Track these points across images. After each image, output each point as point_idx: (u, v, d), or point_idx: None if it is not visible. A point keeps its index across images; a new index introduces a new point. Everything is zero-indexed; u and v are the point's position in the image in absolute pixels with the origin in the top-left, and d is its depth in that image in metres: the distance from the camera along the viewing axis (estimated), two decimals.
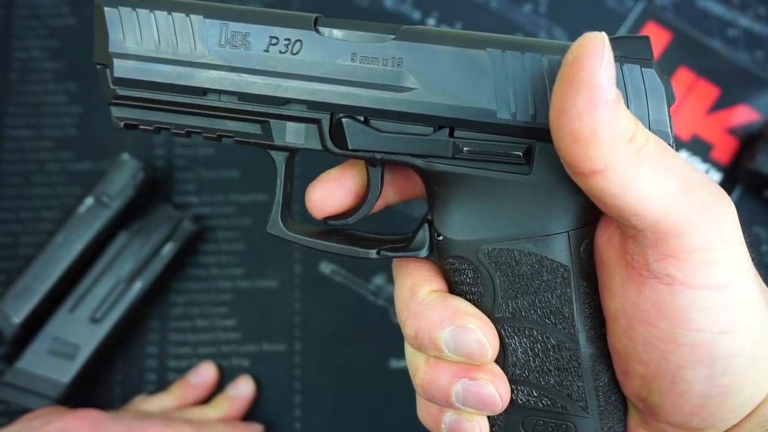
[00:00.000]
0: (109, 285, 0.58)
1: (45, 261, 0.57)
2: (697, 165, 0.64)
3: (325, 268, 0.62)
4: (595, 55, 0.26)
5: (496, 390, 0.33)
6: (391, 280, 0.61)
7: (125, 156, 0.59)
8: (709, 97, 0.65)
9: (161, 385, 0.60)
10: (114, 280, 0.58)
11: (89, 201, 0.58)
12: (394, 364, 0.60)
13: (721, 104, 0.65)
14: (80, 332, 0.56)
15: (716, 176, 0.64)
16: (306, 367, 0.60)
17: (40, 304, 0.56)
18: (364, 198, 0.37)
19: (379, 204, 0.38)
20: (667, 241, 0.28)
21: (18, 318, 0.55)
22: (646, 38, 0.31)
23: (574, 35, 0.67)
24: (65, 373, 0.55)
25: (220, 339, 0.61)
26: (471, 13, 0.68)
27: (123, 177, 0.59)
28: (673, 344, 0.29)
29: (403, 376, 0.59)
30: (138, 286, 0.58)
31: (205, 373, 0.59)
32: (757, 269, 0.31)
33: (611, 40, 0.30)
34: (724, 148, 0.64)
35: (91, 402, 0.57)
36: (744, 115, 0.65)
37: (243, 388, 0.58)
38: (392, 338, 0.58)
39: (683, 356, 0.29)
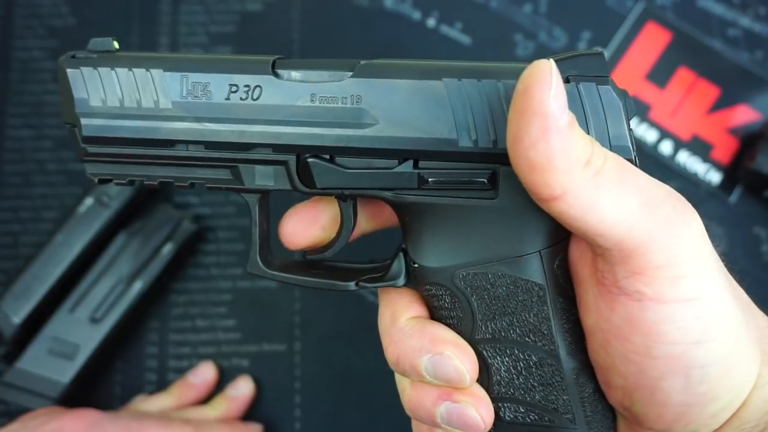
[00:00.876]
0: (109, 285, 0.58)
1: (45, 261, 0.57)
2: (697, 165, 0.64)
3: None
4: (543, 83, 0.27)
5: (478, 413, 0.33)
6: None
7: None
8: (710, 97, 0.65)
9: (161, 385, 0.60)
10: (114, 280, 0.58)
11: (89, 201, 0.58)
12: None
13: (721, 104, 0.65)
14: (80, 332, 0.56)
15: (716, 176, 0.64)
16: (306, 367, 0.60)
17: (40, 304, 0.56)
18: (337, 230, 0.37)
19: (354, 234, 0.38)
20: (633, 258, 0.29)
21: (18, 318, 0.55)
22: (600, 54, 0.31)
23: (574, 35, 0.67)
24: (65, 373, 0.55)
25: (220, 339, 0.61)
26: (471, 13, 0.68)
27: None
28: (649, 357, 0.30)
29: None
30: (138, 286, 0.58)
31: (205, 373, 0.59)
32: (757, 269, 0.31)
33: (565, 59, 0.31)
34: (725, 148, 0.64)
35: (91, 402, 0.57)
36: (744, 115, 0.65)
37: (242, 388, 0.58)
38: None
39: (659, 368, 0.30)
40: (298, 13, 0.68)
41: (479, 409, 0.33)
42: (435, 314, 0.36)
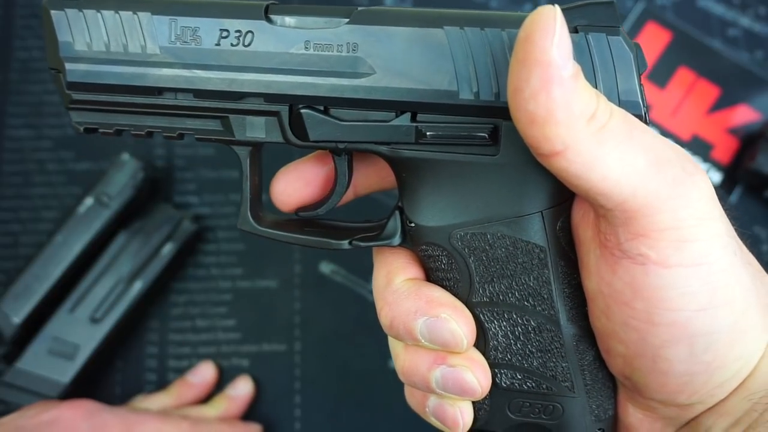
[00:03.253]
0: (109, 285, 0.58)
1: (45, 261, 0.57)
2: None
3: (325, 267, 0.62)
4: (546, 31, 0.25)
5: (475, 377, 0.32)
6: None
7: (125, 156, 0.59)
8: (710, 97, 0.65)
9: (161, 385, 0.60)
10: (114, 280, 0.58)
11: (89, 201, 0.58)
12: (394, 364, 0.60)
13: (721, 104, 0.65)
14: (80, 332, 0.56)
15: (716, 176, 0.64)
16: (306, 367, 0.60)
17: (40, 304, 0.56)
18: (330, 189, 0.36)
19: (348, 195, 0.37)
20: (636, 220, 0.27)
21: (18, 318, 0.55)
22: (612, 3, 0.29)
23: None
24: (65, 373, 0.55)
25: (220, 339, 0.61)
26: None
27: (123, 177, 0.59)
28: (651, 324, 0.29)
29: None
30: (138, 286, 0.58)
31: (205, 372, 0.59)
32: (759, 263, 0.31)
33: (574, 8, 0.29)
34: (725, 148, 0.64)
35: None
36: (744, 115, 0.65)
37: (242, 388, 0.58)
38: None
39: (662, 335, 0.29)
40: None
41: (476, 373, 0.32)
42: (431, 276, 0.35)
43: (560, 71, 0.25)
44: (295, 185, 0.36)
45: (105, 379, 0.60)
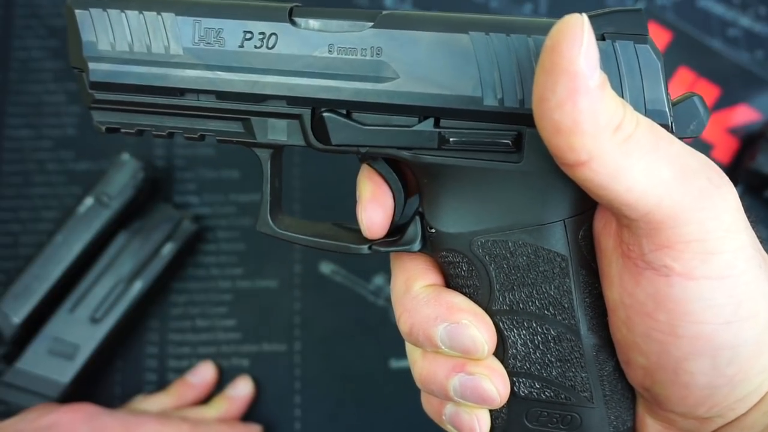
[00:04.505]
0: (109, 285, 0.58)
1: (45, 261, 0.57)
2: None
3: (325, 268, 0.62)
4: (573, 40, 0.25)
5: (494, 385, 0.32)
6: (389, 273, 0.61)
7: (125, 156, 0.59)
8: (710, 97, 0.65)
9: (161, 385, 0.60)
10: (114, 280, 0.58)
11: (89, 201, 0.58)
12: (394, 364, 0.60)
13: (721, 104, 0.65)
14: (80, 332, 0.56)
15: None
16: (306, 367, 0.60)
17: (40, 304, 0.56)
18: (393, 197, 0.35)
19: (414, 191, 0.36)
20: (661, 231, 0.27)
21: (18, 318, 0.55)
22: (640, 11, 0.29)
23: None
24: (65, 373, 0.55)
25: (220, 339, 0.61)
26: (471, 13, 0.68)
27: (123, 177, 0.59)
28: (674, 336, 0.28)
29: (403, 376, 0.59)
30: (138, 286, 0.58)
31: (204, 372, 0.59)
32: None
33: (601, 15, 0.29)
34: (725, 148, 0.64)
35: (91, 401, 0.57)
36: (744, 115, 0.65)
37: (242, 389, 0.58)
38: (392, 338, 0.58)
39: (684, 348, 0.28)
40: None
41: (495, 381, 0.32)
42: (451, 282, 0.34)
43: (587, 81, 0.25)
44: (376, 212, 0.35)
45: (105, 379, 0.60)
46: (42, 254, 0.57)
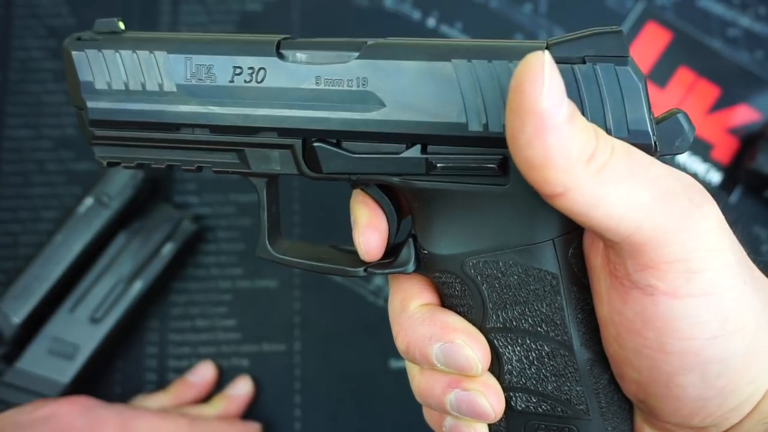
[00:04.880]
0: (109, 285, 0.58)
1: (45, 261, 0.57)
2: (697, 165, 0.64)
3: None
4: (535, 79, 0.25)
5: (488, 401, 0.33)
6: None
7: None
8: (710, 97, 0.65)
9: (161, 385, 0.60)
10: (114, 280, 0.58)
11: (89, 201, 0.58)
12: (394, 364, 0.60)
13: (721, 104, 0.65)
14: (80, 332, 0.56)
15: (716, 176, 0.64)
16: (306, 367, 0.60)
17: (40, 304, 0.56)
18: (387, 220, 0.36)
19: (407, 214, 0.37)
20: (644, 252, 0.27)
21: (18, 318, 0.55)
22: (619, 33, 0.29)
23: None
24: (65, 373, 0.55)
25: (220, 339, 0.61)
26: (471, 13, 0.68)
27: (123, 177, 0.58)
28: (662, 353, 0.29)
29: (403, 376, 0.59)
30: (138, 286, 0.58)
31: (204, 372, 0.59)
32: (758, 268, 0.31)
33: (581, 38, 0.29)
34: (725, 148, 0.64)
35: None
36: (744, 115, 0.65)
37: (241, 388, 0.58)
38: (392, 338, 0.58)
39: (674, 363, 0.29)
40: (298, 13, 0.68)
41: (489, 397, 0.33)
42: (446, 302, 0.35)
43: (553, 118, 0.25)
44: (373, 236, 0.36)
45: (105, 379, 0.60)
46: (42, 254, 0.57)
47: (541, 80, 0.25)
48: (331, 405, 0.59)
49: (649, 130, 0.29)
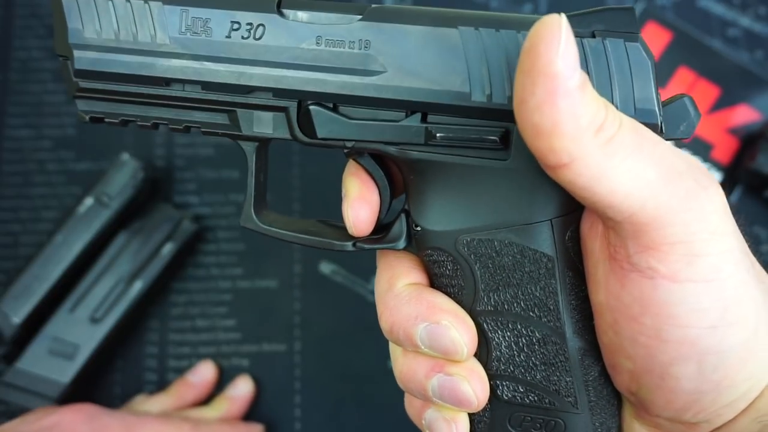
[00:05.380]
0: (109, 285, 0.58)
1: (45, 261, 0.57)
2: None
3: (325, 268, 0.62)
4: (551, 41, 0.24)
5: (471, 388, 0.32)
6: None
7: (125, 156, 0.59)
8: (710, 97, 0.65)
9: (161, 385, 0.60)
10: (114, 280, 0.58)
11: (89, 201, 0.58)
12: None
13: (721, 104, 0.65)
14: (80, 332, 0.56)
15: (716, 176, 0.64)
16: (306, 367, 0.60)
17: (40, 304, 0.56)
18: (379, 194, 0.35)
19: (401, 191, 0.36)
20: (646, 233, 0.27)
21: (18, 318, 0.55)
22: (631, 10, 0.28)
23: None
24: (65, 373, 0.55)
25: (220, 339, 0.61)
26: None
27: (123, 177, 0.59)
28: (659, 340, 0.28)
29: None
30: (138, 286, 0.58)
31: (204, 372, 0.59)
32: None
33: (592, 13, 0.28)
34: (725, 148, 0.64)
35: (91, 402, 0.57)
36: (744, 114, 0.65)
37: (242, 388, 0.58)
38: None
39: (670, 353, 0.28)
40: None
41: (473, 384, 0.32)
42: (435, 282, 0.34)
43: (566, 82, 0.25)
44: (363, 209, 0.35)
45: (105, 379, 0.60)
46: (42, 254, 0.57)
47: (557, 42, 0.24)
48: (331, 405, 0.59)
49: (656, 109, 0.28)
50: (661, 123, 0.29)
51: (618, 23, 0.28)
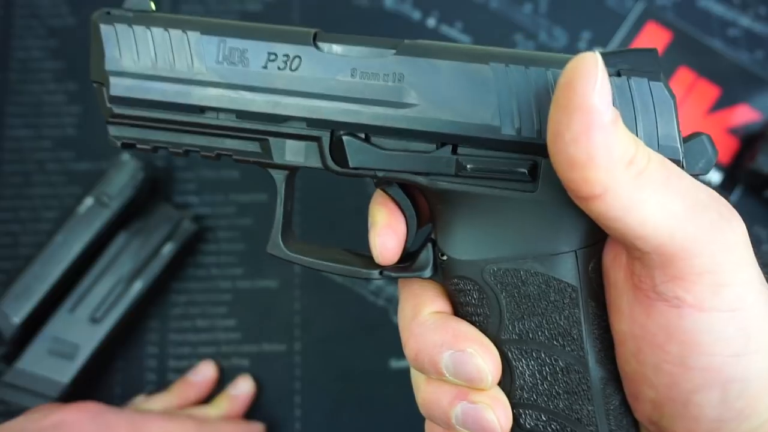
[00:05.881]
0: (109, 285, 0.58)
1: (45, 261, 0.57)
2: None
3: None
4: (588, 77, 0.26)
5: (495, 416, 0.32)
6: (391, 280, 0.61)
7: (125, 156, 0.59)
8: (710, 97, 0.65)
9: (161, 385, 0.60)
10: (114, 280, 0.58)
11: (89, 201, 0.58)
12: (394, 364, 0.60)
13: (721, 104, 0.65)
14: (80, 332, 0.56)
15: (716, 176, 0.64)
16: (306, 367, 0.60)
17: (40, 304, 0.56)
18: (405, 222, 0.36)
19: (426, 220, 0.37)
20: (674, 263, 0.27)
21: (18, 318, 0.55)
22: (654, 51, 0.30)
23: (574, 35, 0.67)
24: (65, 373, 0.55)
25: (220, 339, 0.61)
26: (471, 13, 0.68)
27: (123, 177, 0.59)
28: (684, 368, 0.29)
29: (403, 376, 0.59)
30: (138, 286, 0.58)
31: (205, 371, 0.59)
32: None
33: (616, 53, 0.30)
34: (725, 148, 0.64)
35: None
36: (744, 114, 0.65)
37: (243, 388, 0.58)
38: (392, 338, 0.58)
39: (695, 380, 0.29)
40: (298, 13, 0.68)
41: (497, 412, 0.32)
42: (460, 310, 0.34)
43: (602, 116, 0.26)
44: (390, 238, 0.35)
45: (105, 379, 0.60)
46: (42, 254, 0.57)
47: (594, 77, 0.26)
48: (331, 405, 0.59)
49: (679, 146, 0.29)
50: (683, 159, 0.30)
51: (641, 63, 0.30)
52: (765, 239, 0.63)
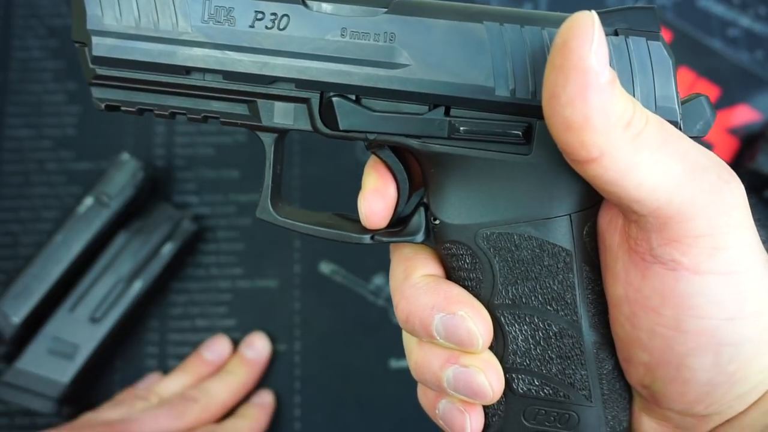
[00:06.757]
0: (109, 285, 0.58)
1: (45, 261, 0.57)
2: None
3: (325, 267, 0.62)
4: (584, 37, 0.25)
5: (487, 379, 0.32)
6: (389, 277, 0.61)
7: (125, 156, 0.59)
8: (710, 96, 0.65)
9: None
10: (114, 280, 0.58)
11: (89, 201, 0.58)
12: (394, 364, 0.60)
13: (721, 104, 0.65)
14: (80, 332, 0.56)
15: None
16: (306, 367, 0.60)
17: (40, 304, 0.56)
18: (396, 187, 0.35)
19: (419, 184, 0.36)
20: (671, 226, 0.27)
21: (18, 318, 0.55)
22: (652, 9, 0.29)
23: None
24: (65, 372, 0.55)
25: None
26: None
27: (123, 177, 0.59)
28: (678, 331, 0.28)
29: (403, 376, 0.59)
30: (138, 286, 0.58)
31: (219, 348, 0.58)
32: None
33: (615, 11, 0.29)
34: (725, 148, 0.64)
35: (91, 402, 0.57)
36: (744, 115, 0.65)
37: (259, 347, 0.58)
38: (392, 338, 0.58)
39: (688, 343, 0.29)
40: None
41: (488, 375, 0.32)
42: (452, 275, 0.34)
43: (598, 77, 0.25)
44: (377, 201, 0.34)
45: (105, 379, 0.60)
46: (42, 254, 0.57)
47: (591, 37, 0.25)
48: (331, 405, 0.59)
49: (677, 107, 0.29)
50: (681, 121, 0.29)
51: (640, 22, 0.29)
52: (765, 239, 0.63)
